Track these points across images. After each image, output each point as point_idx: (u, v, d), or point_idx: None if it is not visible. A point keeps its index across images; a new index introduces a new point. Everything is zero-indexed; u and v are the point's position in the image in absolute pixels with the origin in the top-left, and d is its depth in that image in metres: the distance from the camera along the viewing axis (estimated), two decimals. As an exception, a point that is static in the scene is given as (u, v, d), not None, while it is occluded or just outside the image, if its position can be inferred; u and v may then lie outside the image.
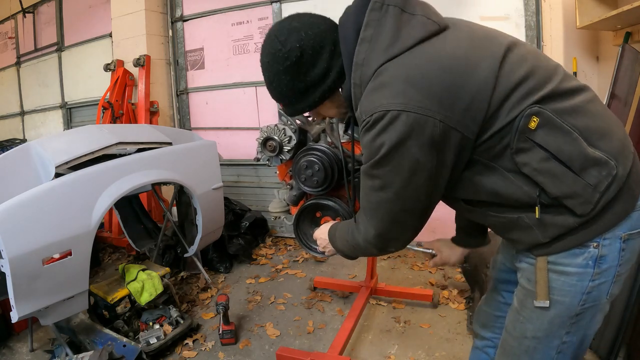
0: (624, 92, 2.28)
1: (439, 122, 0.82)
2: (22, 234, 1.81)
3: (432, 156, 0.85)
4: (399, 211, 0.94)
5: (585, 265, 0.91)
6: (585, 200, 0.87)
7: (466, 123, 0.84)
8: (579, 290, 0.92)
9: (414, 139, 0.83)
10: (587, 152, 0.86)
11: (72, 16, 4.93)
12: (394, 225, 0.97)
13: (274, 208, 1.92)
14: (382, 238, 1.01)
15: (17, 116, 5.76)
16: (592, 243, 0.90)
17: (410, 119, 0.82)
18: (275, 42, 1.04)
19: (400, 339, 2.29)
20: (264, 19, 3.88)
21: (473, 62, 0.86)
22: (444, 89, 0.83)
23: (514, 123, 0.86)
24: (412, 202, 0.92)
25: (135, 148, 2.57)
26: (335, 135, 1.65)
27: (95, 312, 2.40)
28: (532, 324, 1.00)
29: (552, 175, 0.87)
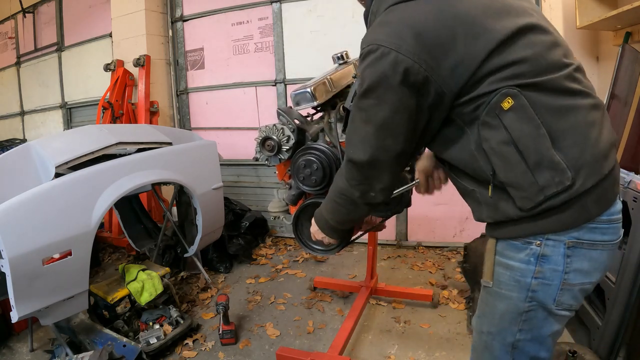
0: (624, 92, 2.28)
1: (423, 71, 0.86)
2: (22, 234, 1.81)
3: (413, 99, 0.89)
4: (379, 147, 0.95)
5: (527, 262, 0.92)
6: (528, 196, 0.87)
7: (448, 82, 0.87)
8: (524, 286, 0.94)
9: (398, 78, 0.87)
10: (548, 153, 0.86)
11: (72, 16, 4.94)
12: (373, 162, 0.97)
13: (273, 208, 1.92)
14: (362, 174, 1.00)
15: (17, 116, 5.76)
16: (535, 240, 0.91)
17: (398, 59, 0.86)
18: None
19: (400, 339, 2.29)
20: (264, 19, 3.88)
21: (476, 31, 0.87)
22: (439, 44, 0.86)
23: (490, 96, 0.87)
24: (391, 140, 0.93)
25: (135, 148, 2.57)
26: (333, 135, 1.65)
27: (95, 312, 2.40)
28: (487, 319, 1.03)
29: (505, 160, 0.88)
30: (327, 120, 1.73)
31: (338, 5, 3.58)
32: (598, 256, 0.92)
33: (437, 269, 3.13)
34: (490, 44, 0.86)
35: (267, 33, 3.88)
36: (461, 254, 3.24)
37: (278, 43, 3.82)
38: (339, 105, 1.74)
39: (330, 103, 1.77)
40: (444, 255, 3.37)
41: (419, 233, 3.61)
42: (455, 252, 3.37)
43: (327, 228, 1.26)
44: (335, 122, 1.67)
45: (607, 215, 0.91)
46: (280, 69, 3.85)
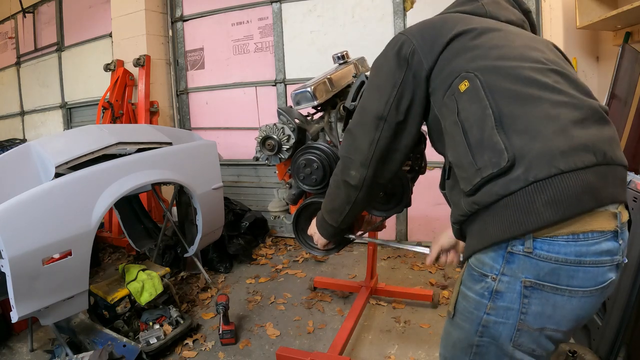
0: (624, 92, 2.28)
1: (412, 45, 1.00)
2: (22, 234, 1.81)
3: (400, 70, 1.00)
4: (364, 107, 1.07)
5: (481, 295, 0.86)
6: (467, 177, 0.85)
7: (427, 55, 0.98)
8: (475, 319, 0.88)
9: (394, 51, 1.02)
10: (489, 132, 0.82)
11: (72, 16, 4.94)
12: (357, 126, 1.08)
13: (273, 207, 1.92)
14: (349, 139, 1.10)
15: (17, 116, 5.76)
16: (490, 274, 0.84)
17: (400, 38, 1.03)
18: None
19: (400, 339, 2.29)
20: (264, 19, 3.88)
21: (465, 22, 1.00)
22: (430, 27, 1.02)
23: (451, 78, 0.93)
24: (376, 102, 1.03)
25: (135, 148, 2.57)
26: (334, 134, 1.65)
27: (95, 312, 2.40)
28: (444, 342, 1.01)
29: (452, 140, 0.90)
30: (327, 119, 1.73)
31: (338, 5, 3.58)
32: (565, 303, 0.80)
33: (437, 269, 3.13)
34: (464, 27, 0.97)
35: (267, 33, 3.88)
36: (461, 254, 3.24)
37: (278, 43, 3.82)
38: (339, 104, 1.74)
39: (330, 102, 1.77)
40: (444, 255, 3.37)
41: (419, 233, 3.61)
42: (455, 252, 3.36)
43: (320, 221, 1.30)
44: (336, 122, 1.67)
45: (575, 256, 0.77)
46: (280, 69, 3.85)
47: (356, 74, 1.85)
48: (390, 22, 3.39)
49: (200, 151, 2.85)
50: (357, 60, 2.00)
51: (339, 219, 1.23)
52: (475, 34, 0.95)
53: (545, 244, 0.78)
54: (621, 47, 2.31)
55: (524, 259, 0.80)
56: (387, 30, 3.40)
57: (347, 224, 1.28)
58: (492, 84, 0.85)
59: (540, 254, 0.78)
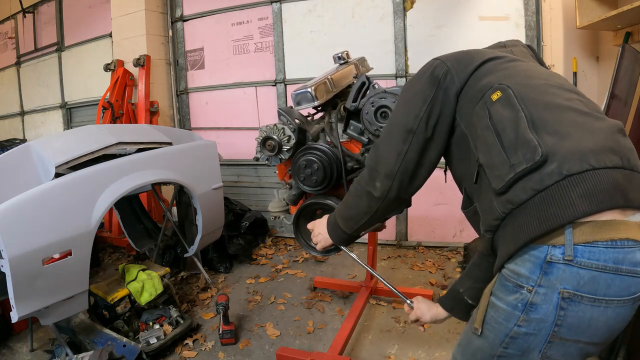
0: (624, 92, 2.28)
1: (446, 67, 1.05)
2: (22, 234, 1.81)
3: (432, 88, 1.04)
4: (394, 121, 1.10)
5: (514, 307, 0.84)
6: (500, 174, 0.85)
7: (459, 72, 1.03)
8: (504, 330, 0.87)
9: (428, 72, 1.06)
10: (523, 132, 0.84)
11: (72, 16, 4.94)
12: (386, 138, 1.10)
13: (274, 208, 1.92)
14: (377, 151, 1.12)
15: (17, 116, 5.76)
16: (527, 285, 0.82)
17: (435, 62, 1.08)
18: None
19: (400, 339, 2.29)
20: (264, 19, 3.88)
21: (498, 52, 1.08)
22: (465, 53, 1.08)
23: (483, 91, 0.97)
24: (404, 116, 1.07)
25: (135, 148, 2.57)
26: (334, 135, 1.65)
27: (95, 312, 2.40)
28: (462, 349, 1.01)
29: (485, 143, 0.91)
30: (327, 120, 1.73)
31: (338, 5, 3.59)
32: (600, 315, 0.79)
33: (437, 269, 3.13)
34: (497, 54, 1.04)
35: (267, 33, 3.88)
36: (461, 254, 3.25)
37: (278, 43, 3.82)
38: (339, 105, 1.74)
39: (331, 103, 1.77)
40: (444, 255, 3.37)
41: (419, 233, 3.61)
42: (455, 252, 3.37)
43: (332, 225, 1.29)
44: (336, 122, 1.67)
45: (613, 262, 0.77)
46: (280, 69, 3.85)
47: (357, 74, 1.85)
48: (390, 22, 3.39)
49: (200, 151, 2.85)
50: (358, 60, 2.00)
51: (354, 227, 1.23)
52: (505, 60, 1.04)
53: (586, 251, 0.77)
54: (621, 47, 2.31)
55: (563, 267, 0.79)
56: (387, 30, 3.40)
57: (360, 232, 1.27)
58: (523, 94, 0.90)
59: (581, 261, 0.77)
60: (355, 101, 1.56)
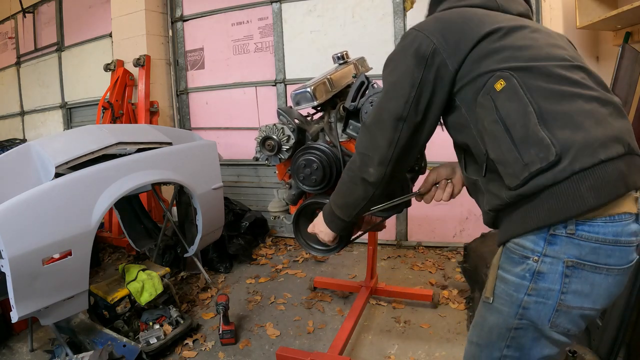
0: (624, 92, 2.28)
1: (432, 44, 0.98)
2: (22, 234, 1.81)
3: (419, 70, 0.99)
4: (383, 108, 1.05)
5: (522, 277, 0.89)
6: (514, 172, 0.87)
7: (451, 55, 0.97)
8: (515, 301, 0.91)
9: (412, 50, 1.00)
10: (534, 129, 0.85)
11: (72, 16, 4.94)
12: (377, 121, 1.06)
13: (273, 208, 1.92)
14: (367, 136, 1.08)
15: (17, 116, 5.76)
16: (532, 256, 0.87)
17: (418, 36, 1.00)
18: None
19: (400, 339, 2.29)
20: (264, 19, 3.88)
21: (485, 20, 0.99)
22: (450, 25, 1.00)
23: (485, 77, 0.93)
24: (394, 102, 1.02)
25: (135, 148, 2.57)
26: (333, 135, 1.65)
27: (95, 312, 2.40)
28: (476, 330, 1.02)
29: (494, 138, 0.90)
30: (327, 120, 1.73)
31: (338, 5, 3.59)
32: (602, 281, 0.86)
33: (437, 269, 3.13)
34: (490, 27, 0.96)
35: (267, 33, 3.88)
36: (461, 254, 3.24)
37: (278, 43, 3.82)
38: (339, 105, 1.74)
39: (330, 103, 1.77)
40: (444, 255, 3.37)
41: (419, 233, 3.61)
42: (455, 252, 3.37)
43: (329, 215, 1.27)
44: (336, 122, 1.67)
45: (613, 235, 0.83)
46: (280, 69, 3.85)
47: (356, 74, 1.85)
48: (390, 22, 3.39)
49: (200, 151, 2.85)
50: (357, 60, 2.00)
51: (353, 213, 1.22)
52: (501, 35, 0.95)
53: (586, 226, 0.84)
54: (621, 47, 2.30)
55: (566, 240, 0.85)
56: (387, 30, 3.40)
57: (358, 217, 1.27)
58: (528, 83, 0.89)
59: (582, 235, 0.84)
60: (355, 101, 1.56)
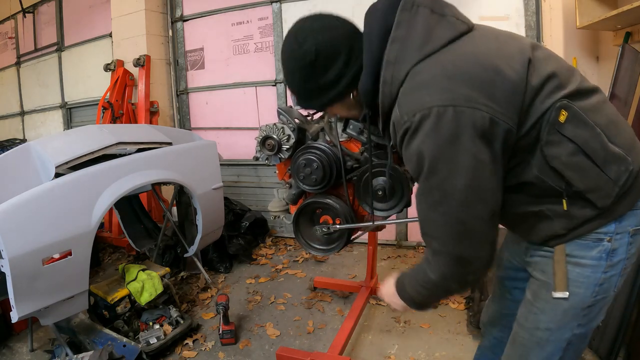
0: (624, 92, 2.28)
1: (486, 114, 0.82)
2: (22, 234, 1.81)
3: (487, 151, 0.83)
4: (468, 222, 0.86)
5: (599, 258, 0.94)
6: (606, 193, 0.91)
7: (509, 114, 0.85)
8: (593, 281, 0.95)
9: (466, 133, 0.81)
10: (609, 147, 0.90)
11: (72, 16, 4.94)
12: (467, 240, 0.88)
13: (274, 207, 1.92)
14: (459, 262, 0.90)
15: (17, 116, 5.76)
16: (605, 237, 0.94)
17: (458, 112, 0.81)
18: (293, 40, 1.03)
19: (400, 339, 2.29)
20: (264, 19, 3.88)
21: (505, 57, 0.89)
22: (483, 82, 0.84)
23: (545, 115, 0.88)
24: (480, 206, 0.85)
25: (135, 148, 2.57)
26: (333, 134, 1.65)
27: (95, 312, 2.40)
28: (546, 315, 1.02)
29: (580, 169, 0.90)
30: (327, 119, 1.73)
31: (338, 5, 3.58)
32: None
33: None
34: (524, 61, 0.88)
35: (267, 33, 3.88)
36: (461, 254, 3.24)
37: (278, 43, 3.82)
38: (339, 105, 1.73)
39: (330, 103, 1.77)
40: (444, 255, 3.37)
41: (419, 233, 3.60)
42: (455, 252, 3.36)
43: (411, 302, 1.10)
44: (336, 122, 1.67)
45: None
46: (280, 69, 3.85)
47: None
48: (390, 22, 3.39)
49: (200, 151, 2.85)
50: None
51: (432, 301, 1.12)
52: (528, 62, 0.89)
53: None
54: (621, 47, 2.31)
55: (630, 213, 0.95)
56: (387, 30, 3.40)
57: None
58: (580, 106, 0.91)
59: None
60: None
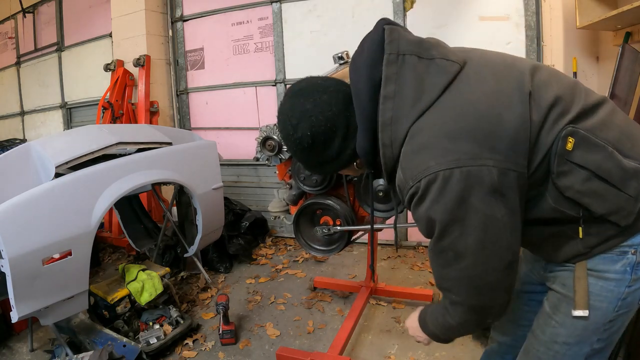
0: (624, 92, 2.28)
1: (492, 168, 0.80)
2: (22, 234, 1.81)
3: (499, 205, 0.82)
4: (485, 276, 0.87)
5: (623, 272, 0.91)
6: (629, 212, 0.88)
7: (516, 160, 0.83)
8: (616, 295, 0.92)
9: (475, 193, 0.80)
10: (624, 165, 0.87)
11: (72, 16, 4.94)
12: (484, 293, 0.89)
13: (274, 208, 1.92)
14: (477, 311, 0.92)
15: (17, 116, 5.76)
16: (630, 250, 0.90)
17: (464, 173, 0.79)
18: (287, 125, 0.99)
19: (400, 339, 2.29)
20: (264, 19, 3.88)
21: (505, 99, 0.85)
22: (486, 135, 0.82)
23: (552, 147, 0.85)
24: (495, 260, 0.85)
25: (135, 148, 2.57)
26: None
27: (95, 312, 2.40)
28: (566, 329, 0.98)
29: (597, 195, 0.87)
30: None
31: (338, 5, 3.58)
32: None
33: (437, 269, 3.13)
34: (524, 98, 0.85)
35: (267, 33, 3.88)
36: (461, 254, 3.24)
37: (278, 43, 3.82)
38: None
39: (330, 103, 1.76)
40: (444, 255, 3.37)
41: (419, 233, 3.59)
42: (455, 252, 3.36)
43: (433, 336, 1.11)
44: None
45: None
46: (280, 69, 3.85)
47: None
48: (390, 22, 3.39)
49: (200, 151, 2.85)
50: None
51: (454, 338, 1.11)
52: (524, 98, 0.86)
53: None
54: (621, 47, 2.30)
55: None
56: (387, 30, 3.39)
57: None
58: (588, 127, 0.87)
59: None
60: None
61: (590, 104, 0.90)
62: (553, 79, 0.92)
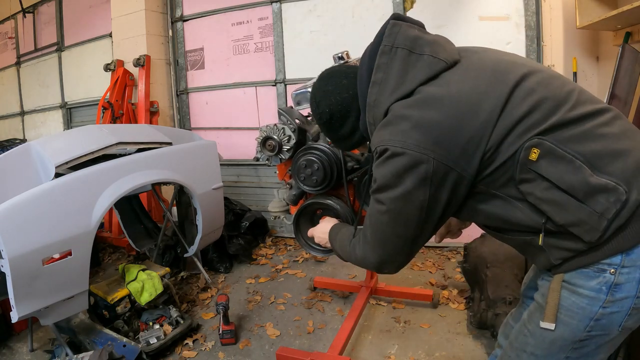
0: (624, 92, 2.28)
1: (432, 160, 0.89)
2: (22, 234, 1.81)
3: (424, 191, 0.92)
4: (392, 235, 1.01)
5: (598, 290, 0.88)
6: (592, 227, 0.85)
7: (461, 163, 0.89)
8: (588, 314, 0.89)
9: (409, 174, 0.91)
10: (590, 180, 0.85)
11: (72, 16, 4.94)
12: (388, 246, 1.03)
13: (274, 208, 1.92)
14: (378, 257, 1.06)
15: (17, 116, 5.76)
16: (609, 268, 0.87)
17: (407, 156, 0.90)
18: (313, 101, 1.21)
19: (400, 339, 2.29)
20: (264, 19, 3.88)
21: (475, 104, 0.89)
22: (442, 131, 0.89)
23: (515, 156, 0.88)
24: (403, 229, 0.98)
25: (135, 148, 2.57)
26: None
27: (95, 312, 2.40)
28: (534, 339, 0.99)
29: (556, 204, 0.87)
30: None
31: (338, 5, 3.58)
32: None
33: (437, 269, 3.13)
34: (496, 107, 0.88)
35: (267, 33, 3.88)
36: (461, 254, 3.24)
37: (278, 43, 3.82)
38: (339, 105, 1.74)
39: (330, 103, 1.77)
40: (444, 255, 3.37)
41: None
42: (455, 252, 3.37)
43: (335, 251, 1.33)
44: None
45: None
46: (280, 69, 3.85)
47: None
48: (390, 22, 3.39)
49: (200, 151, 2.85)
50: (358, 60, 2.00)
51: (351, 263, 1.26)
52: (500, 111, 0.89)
53: None
54: (621, 47, 2.31)
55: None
56: (387, 30, 3.40)
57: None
58: (559, 138, 0.87)
59: None
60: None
61: (577, 115, 0.89)
62: (541, 87, 0.91)
